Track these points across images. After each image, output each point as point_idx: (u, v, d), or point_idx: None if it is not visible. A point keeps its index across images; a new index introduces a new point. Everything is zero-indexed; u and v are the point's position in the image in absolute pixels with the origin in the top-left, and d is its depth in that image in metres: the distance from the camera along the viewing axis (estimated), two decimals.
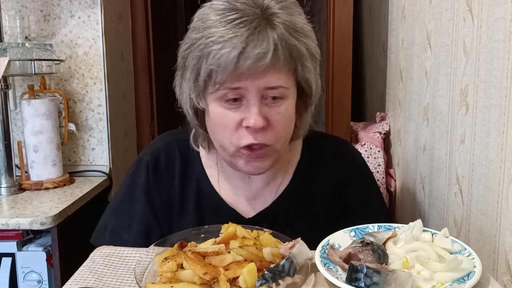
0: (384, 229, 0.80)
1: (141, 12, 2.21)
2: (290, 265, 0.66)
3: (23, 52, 1.59)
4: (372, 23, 2.08)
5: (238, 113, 0.82)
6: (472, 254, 0.69)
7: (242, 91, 0.81)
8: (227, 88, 0.81)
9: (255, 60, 0.77)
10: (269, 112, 0.82)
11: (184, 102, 0.89)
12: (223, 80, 0.79)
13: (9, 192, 1.60)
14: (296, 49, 0.81)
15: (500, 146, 0.81)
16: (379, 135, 1.63)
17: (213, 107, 0.84)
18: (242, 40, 0.77)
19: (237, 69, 0.78)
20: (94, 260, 0.78)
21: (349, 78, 1.87)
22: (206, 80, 0.82)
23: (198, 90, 0.84)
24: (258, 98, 0.81)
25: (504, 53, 0.79)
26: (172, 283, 0.66)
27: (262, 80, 0.80)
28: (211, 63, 0.79)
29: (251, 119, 0.80)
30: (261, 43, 0.77)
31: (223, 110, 0.83)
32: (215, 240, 0.76)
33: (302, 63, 0.83)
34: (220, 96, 0.82)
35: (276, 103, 0.83)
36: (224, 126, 0.84)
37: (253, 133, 0.82)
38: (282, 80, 0.82)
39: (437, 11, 1.15)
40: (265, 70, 0.79)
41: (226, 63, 0.77)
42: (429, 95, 1.21)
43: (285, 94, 0.83)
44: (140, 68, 2.25)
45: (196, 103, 0.86)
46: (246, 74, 0.78)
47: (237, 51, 0.77)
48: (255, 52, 0.77)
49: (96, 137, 1.89)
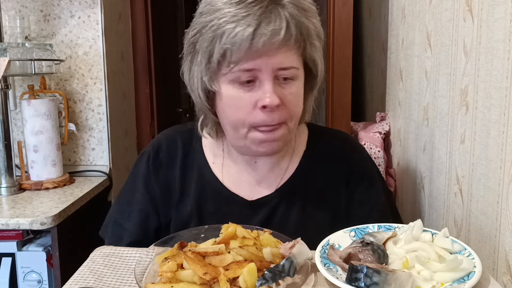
0: (384, 229, 0.80)
1: (141, 12, 2.21)
2: (290, 265, 0.66)
3: (23, 52, 1.59)
4: (372, 23, 2.08)
5: (252, 94, 0.84)
6: (472, 254, 0.69)
7: (256, 72, 0.82)
8: (241, 70, 0.82)
9: (270, 37, 0.79)
10: (282, 92, 0.84)
11: (196, 87, 0.89)
12: (238, 59, 0.81)
13: (9, 192, 1.60)
14: (305, 26, 0.84)
15: (500, 146, 0.81)
16: (379, 135, 1.63)
17: (226, 89, 0.85)
18: (256, 18, 0.79)
19: (252, 46, 0.79)
20: (94, 260, 0.78)
21: (349, 78, 1.87)
22: (220, 60, 0.83)
23: (211, 72, 0.85)
24: (272, 77, 0.83)
25: (504, 53, 0.79)
26: (172, 283, 0.66)
27: (275, 58, 0.81)
28: (226, 42, 0.80)
29: (266, 98, 0.82)
30: (274, 20, 0.80)
31: (236, 92, 0.84)
32: (215, 240, 0.76)
33: (311, 41, 0.86)
34: (233, 78, 0.83)
35: (287, 84, 0.85)
36: (238, 107, 0.85)
37: (268, 113, 0.84)
38: (293, 59, 0.84)
39: (437, 11, 1.15)
40: (278, 47, 0.81)
41: (241, 41, 0.79)
42: (429, 95, 1.21)
43: (296, 75, 0.86)
44: (140, 68, 2.25)
45: (208, 86, 0.87)
46: (260, 51, 0.80)
47: (251, 29, 0.79)
48: (269, 28, 0.79)
49: (96, 137, 1.89)
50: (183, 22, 3.23)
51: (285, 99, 0.85)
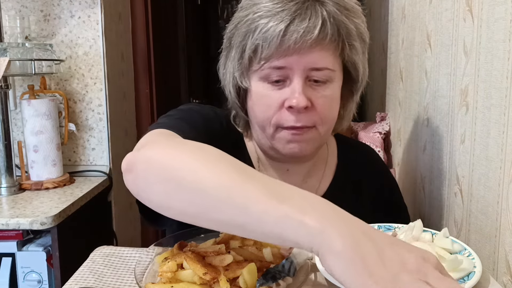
0: (384, 229, 0.80)
1: (141, 12, 2.21)
2: (290, 265, 0.66)
3: (23, 52, 1.59)
4: (372, 23, 2.08)
5: (281, 93, 0.81)
6: (472, 254, 0.69)
7: (287, 71, 0.79)
8: (271, 68, 0.79)
9: (302, 34, 0.76)
10: (313, 94, 0.81)
11: (228, 82, 0.87)
12: (269, 56, 0.78)
13: (9, 192, 1.60)
14: (344, 26, 0.80)
15: (500, 146, 0.81)
16: (379, 135, 1.63)
17: (255, 86, 0.83)
18: (290, 14, 0.76)
19: (283, 43, 0.77)
20: (94, 260, 0.78)
21: None
22: (251, 56, 0.81)
23: (242, 68, 0.83)
24: (302, 78, 0.79)
25: (504, 53, 0.79)
26: (172, 283, 0.66)
27: (308, 57, 0.78)
28: (257, 38, 0.78)
29: (293, 98, 0.79)
30: (310, 17, 0.77)
31: (265, 90, 0.82)
32: (215, 240, 0.76)
33: (350, 42, 0.81)
34: (263, 76, 0.81)
35: (320, 86, 0.81)
36: (266, 105, 0.82)
37: (295, 114, 0.80)
38: (328, 60, 0.80)
39: (437, 11, 1.15)
40: (312, 46, 0.77)
41: (272, 37, 0.76)
42: (429, 95, 1.21)
43: (330, 77, 0.81)
44: (140, 68, 2.26)
45: (239, 82, 0.84)
46: (292, 49, 0.77)
47: (284, 25, 0.76)
48: (302, 25, 0.76)
49: (96, 137, 1.89)
50: (183, 22, 3.23)
51: (316, 101, 0.81)
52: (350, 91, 0.89)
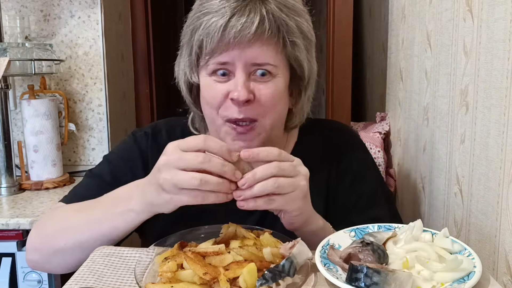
0: (384, 229, 0.80)
1: (141, 12, 2.21)
2: (290, 265, 0.66)
3: (23, 52, 1.59)
4: (372, 23, 2.08)
5: (225, 86, 0.84)
6: (472, 254, 0.69)
7: (229, 66, 0.83)
8: (215, 63, 0.84)
9: (241, 29, 0.80)
10: (256, 86, 0.84)
11: (180, 79, 0.92)
12: (212, 50, 0.82)
13: (9, 192, 1.60)
14: (284, 23, 0.84)
15: (500, 146, 0.81)
16: (379, 135, 1.63)
17: (203, 81, 0.87)
18: (230, 10, 0.81)
19: (224, 38, 0.81)
20: (94, 260, 0.78)
21: (349, 78, 1.87)
22: (197, 52, 0.85)
23: (191, 64, 0.88)
24: (245, 72, 0.83)
25: (504, 53, 0.79)
26: (172, 283, 0.66)
27: (248, 52, 0.82)
28: (201, 33, 0.83)
29: (235, 91, 0.82)
30: (248, 14, 0.81)
31: (212, 83, 0.86)
32: (215, 240, 0.76)
33: (291, 39, 0.85)
34: (209, 71, 0.85)
35: (264, 79, 0.85)
36: (212, 97, 0.86)
37: (238, 106, 0.83)
38: (269, 56, 0.83)
39: (437, 11, 1.15)
40: (251, 41, 0.81)
41: (214, 31, 0.81)
42: (429, 95, 1.21)
43: (273, 72, 0.85)
44: (140, 68, 2.26)
45: (189, 77, 0.90)
46: (232, 43, 0.81)
47: (224, 20, 0.81)
48: (241, 20, 0.80)
49: (96, 137, 1.89)
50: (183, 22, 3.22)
51: (259, 93, 0.84)
52: (297, 89, 0.92)
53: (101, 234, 0.83)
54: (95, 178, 0.97)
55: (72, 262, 0.85)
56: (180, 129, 1.01)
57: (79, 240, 0.84)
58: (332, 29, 1.92)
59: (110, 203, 0.85)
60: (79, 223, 0.85)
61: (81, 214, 0.87)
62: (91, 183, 0.97)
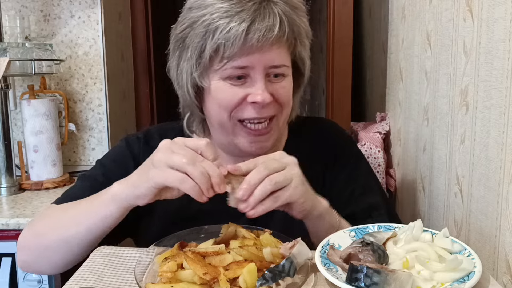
0: (384, 229, 0.80)
1: (141, 12, 2.21)
2: (290, 265, 0.66)
3: (23, 52, 1.59)
4: (372, 23, 2.08)
5: (243, 89, 0.84)
6: (472, 254, 0.69)
7: (248, 70, 0.83)
8: (233, 67, 0.83)
9: (265, 33, 0.80)
10: (273, 87, 0.85)
11: (184, 83, 0.89)
12: (232, 55, 0.81)
13: (9, 192, 1.60)
14: (296, 25, 0.85)
15: (500, 146, 0.81)
16: (379, 135, 1.63)
17: (216, 84, 0.86)
18: (250, 13, 0.80)
19: (246, 42, 0.80)
20: (94, 260, 0.78)
21: (349, 78, 1.87)
22: (212, 56, 0.83)
23: (201, 68, 0.85)
24: (264, 75, 0.84)
25: (504, 53, 0.79)
26: (172, 283, 0.66)
27: (268, 55, 0.82)
28: (219, 38, 0.80)
29: (258, 95, 0.83)
30: (269, 16, 0.81)
31: (227, 86, 0.85)
32: (215, 240, 0.76)
33: (301, 39, 0.87)
34: (225, 74, 0.84)
35: (278, 80, 0.86)
36: (228, 100, 0.85)
37: (258, 108, 0.85)
38: (284, 57, 0.86)
39: (437, 11, 1.15)
40: (272, 44, 0.82)
41: (235, 36, 0.79)
42: (429, 95, 1.21)
43: (286, 72, 0.87)
44: (140, 68, 2.25)
45: (198, 82, 0.87)
46: (255, 47, 0.81)
47: (246, 24, 0.79)
48: (264, 24, 0.80)
49: (96, 137, 1.89)
50: None
51: (277, 93, 0.86)
52: (297, 84, 0.94)
53: (85, 228, 0.82)
54: (88, 180, 0.97)
55: (58, 260, 0.85)
56: (173, 133, 0.99)
57: (64, 236, 0.83)
58: (332, 29, 1.92)
59: (94, 196, 0.84)
60: (65, 219, 0.86)
61: (68, 210, 0.87)
62: (83, 184, 0.97)
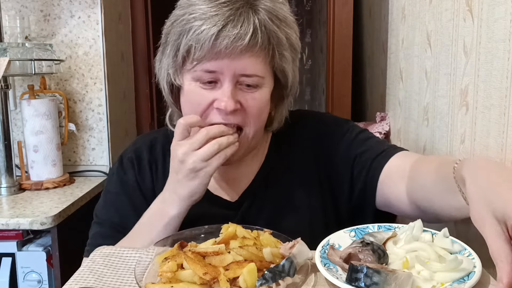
0: (384, 229, 0.80)
1: (141, 12, 2.21)
2: (290, 265, 0.66)
3: (23, 52, 1.59)
4: (372, 23, 2.08)
5: (211, 93, 0.84)
6: (472, 254, 0.69)
7: (217, 74, 0.82)
8: (203, 70, 0.83)
9: (233, 40, 0.79)
10: (243, 96, 0.84)
11: (162, 78, 0.91)
12: (201, 57, 0.81)
13: (9, 192, 1.60)
14: (275, 35, 0.83)
15: (500, 146, 0.81)
16: (379, 135, 1.63)
17: (188, 85, 0.86)
18: (223, 18, 0.79)
19: (215, 47, 0.79)
20: (94, 260, 0.78)
21: (349, 78, 1.87)
22: (184, 56, 0.84)
23: (176, 66, 0.86)
24: (232, 82, 0.83)
25: (504, 53, 0.79)
26: (172, 283, 0.66)
27: (238, 63, 0.81)
28: (191, 39, 0.81)
29: (222, 101, 0.82)
30: (242, 24, 0.79)
31: (197, 89, 0.85)
32: (215, 240, 0.76)
33: (280, 51, 0.85)
34: (195, 76, 0.84)
35: (250, 90, 0.85)
36: (196, 103, 0.85)
37: (223, 115, 0.84)
38: (258, 67, 0.83)
39: (437, 11, 1.15)
40: (242, 52, 0.80)
41: (204, 40, 0.79)
42: (429, 95, 1.21)
43: (260, 83, 0.85)
44: (140, 68, 2.26)
45: (172, 79, 0.88)
46: (223, 53, 0.80)
47: (216, 29, 0.79)
48: (234, 31, 0.79)
49: (96, 137, 1.89)
50: None
51: (246, 103, 0.84)
52: (280, 96, 0.92)
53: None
54: (105, 224, 0.97)
55: None
56: (160, 145, 1.00)
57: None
58: (332, 29, 1.92)
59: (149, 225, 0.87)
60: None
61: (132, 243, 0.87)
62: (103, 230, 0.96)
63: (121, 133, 2.05)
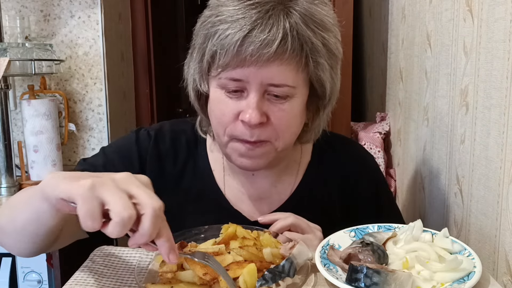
0: (384, 229, 0.80)
1: (141, 12, 2.21)
2: (290, 265, 0.66)
3: (23, 52, 1.59)
4: (372, 23, 2.08)
5: (237, 104, 0.77)
6: (472, 254, 0.69)
7: (243, 83, 0.75)
8: (227, 78, 0.76)
9: (260, 47, 0.71)
10: (270, 108, 0.77)
11: (189, 83, 0.85)
12: (225, 64, 0.74)
13: (9, 192, 1.60)
14: (309, 41, 0.74)
15: (500, 146, 0.81)
16: (379, 135, 1.63)
17: (213, 92, 0.80)
18: (250, 22, 0.72)
19: (240, 54, 0.72)
20: (94, 260, 0.78)
21: (349, 78, 1.86)
22: (209, 61, 0.77)
23: (201, 71, 0.80)
24: (259, 92, 0.75)
25: (504, 53, 0.79)
26: (172, 283, 0.66)
27: (265, 71, 0.73)
28: (215, 44, 0.74)
29: (247, 113, 0.75)
30: (269, 29, 0.71)
31: (222, 97, 0.78)
32: (215, 240, 0.76)
33: (315, 58, 0.76)
34: (221, 84, 0.77)
35: (279, 100, 0.77)
36: (221, 114, 0.79)
37: (249, 129, 0.77)
38: (287, 76, 0.75)
39: (437, 11, 1.15)
40: (270, 59, 0.72)
41: (229, 45, 0.72)
42: (429, 95, 1.21)
43: (290, 93, 0.77)
44: (140, 68, 2.25)
45: (198, 85, 0.82)
46: (248, 60, 0.72)
47: (242, 34, 0.71)
48: (260, 37, 0.71)
49: (96, 137, 1.89)
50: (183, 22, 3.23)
51: (274, 116, 0.77)
52: (317, 106, 0.84)
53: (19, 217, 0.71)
54: (88, 167, 0.89)
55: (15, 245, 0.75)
56: (185, 138, 0.94)
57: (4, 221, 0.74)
58: None
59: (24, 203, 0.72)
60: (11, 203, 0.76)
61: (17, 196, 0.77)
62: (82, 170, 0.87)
63: (121, 133, 2.05)
